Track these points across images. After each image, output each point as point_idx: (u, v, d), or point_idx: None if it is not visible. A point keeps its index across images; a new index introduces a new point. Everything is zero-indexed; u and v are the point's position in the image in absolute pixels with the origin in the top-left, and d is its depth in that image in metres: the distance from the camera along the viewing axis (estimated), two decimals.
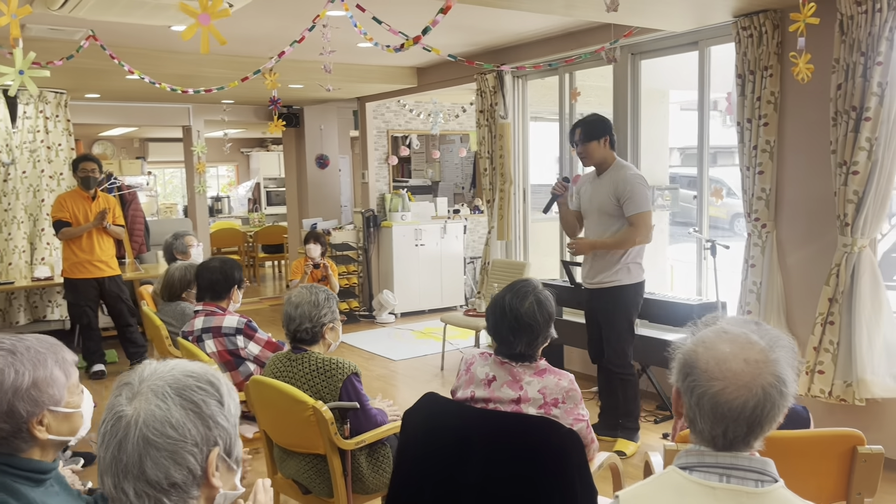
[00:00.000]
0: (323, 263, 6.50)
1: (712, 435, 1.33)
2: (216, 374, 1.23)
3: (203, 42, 2.22)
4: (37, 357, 1.50)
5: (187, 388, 1.17)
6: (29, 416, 1.49)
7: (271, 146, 13.87)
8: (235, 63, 6.21)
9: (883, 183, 3.69)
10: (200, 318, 3.42)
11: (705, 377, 1.33)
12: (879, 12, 3.55)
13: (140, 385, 1.17)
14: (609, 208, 3.93)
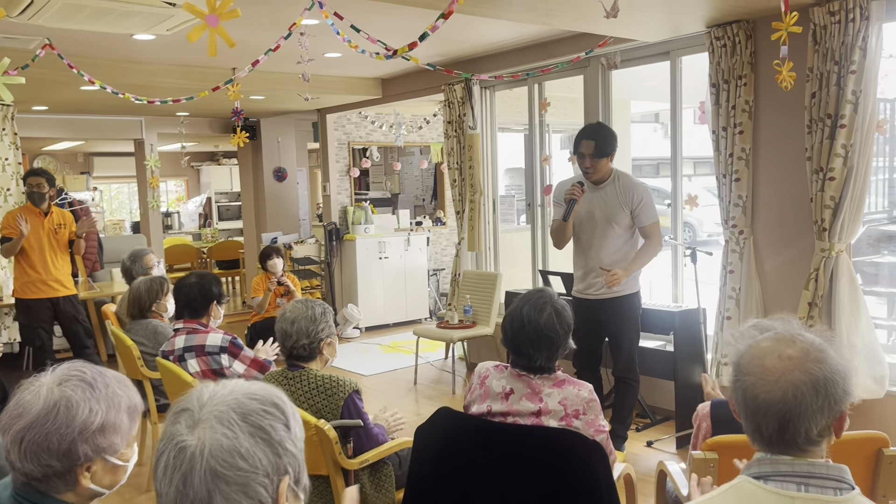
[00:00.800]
0: (285, 280, 6.35)
1: (749, 430, 1.37)
2: (280, 394, 1.14)
3: (211, 45, 2.11)
4: (113, 398, 1.37)
5: (253, 413, 1.07)
6: (84, 461, 1.35)
7: (223, 160, 13.58)
8: (194, 73, 6.04)
9: (858, 188, 3.78)
10: (181, 336, 3.27)
11: (741, 373, 1.36)
12: (852, 22, 3.64)
13: (201, 411, 1.06)
14: (620, 218, 3.83)
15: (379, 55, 3.28)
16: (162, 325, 3.98)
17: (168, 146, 11.16)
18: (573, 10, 3.70)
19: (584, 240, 3.95)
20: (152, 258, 4.88)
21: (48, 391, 1.32)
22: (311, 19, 4.31)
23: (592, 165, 3.82)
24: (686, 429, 4.27)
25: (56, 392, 1.32)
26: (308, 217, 11.02)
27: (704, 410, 2.20)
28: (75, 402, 1.32)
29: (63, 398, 1.32)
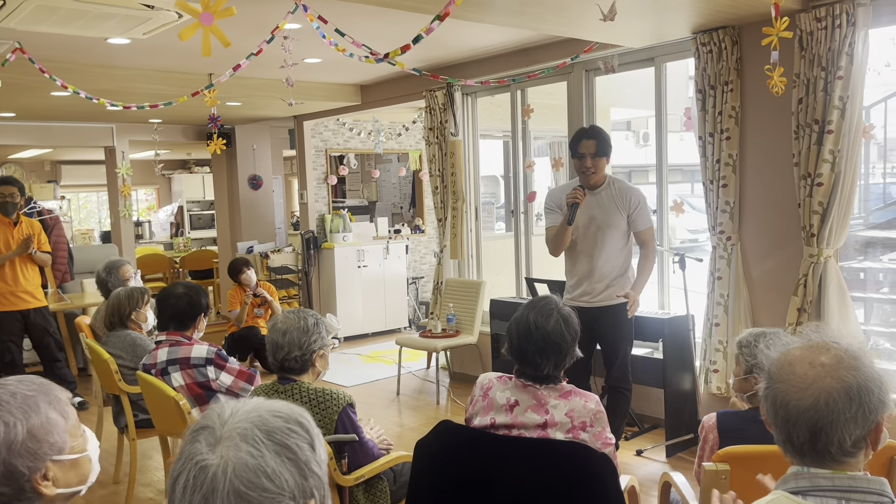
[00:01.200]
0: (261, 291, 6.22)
1: (780, 440, 1.32)
2: (304, 413, 1.05)
3: (204, 44, 2.02)
4: (25, 403, 1.28)
5: (278, 431, 0.99)
6: (31, 473, 1.27)
7: (195, 168, 13.36)
8: (170, 79, 5.90)
9: (846, 194, 3.78)
10: (164, 348, 3.15)
11: (772, 380, 1.32)
12: (839, 28, 3.65)
13: (223, 428, 0.98)
14: (618, 223, 3.80)
15: (369, 58, 3.21)
16: (140, 337, 3.85)
17: (139, 154, 10.96)
18: (561, 15, 3.67)
19: (580, 246, 3.89)
20: (129, 269, 4.73)
21: None
22: (293, 23, 4.23)
23: (594, 165, 3.77)
24: (676, 437, 4.24)
25: None
26: (283, 226, 10.87)
27: (711, 422, 2.15)
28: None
29: None
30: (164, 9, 3.85)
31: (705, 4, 3.70)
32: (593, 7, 3.50)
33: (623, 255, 3.86)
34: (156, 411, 3.16)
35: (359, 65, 5.91)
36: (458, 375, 6.19)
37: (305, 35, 4.58)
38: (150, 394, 3.14)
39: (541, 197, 5.51)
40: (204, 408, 3.09)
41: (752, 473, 1.96)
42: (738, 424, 2.08)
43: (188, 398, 3.01)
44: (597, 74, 5.10)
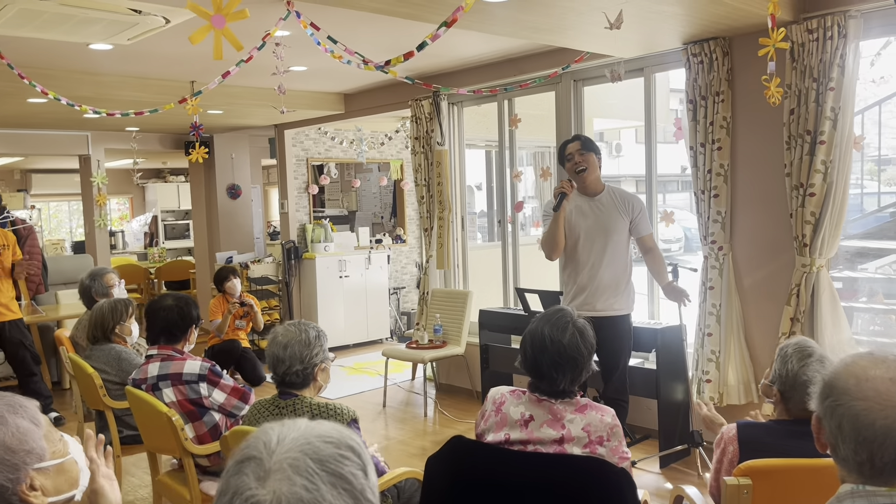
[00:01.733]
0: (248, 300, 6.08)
1: (857, 462, 1.24)
2: (353, 435, 0.99)
3: (216, 47, 1.95)
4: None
5: (331, 459, 0.93)
6: (15, 485, 1.22)
7: (170, 177, 13.16)
8: (151, 86, 5.79)
9: (838, 204, 3.81)
10: (155, 363, 3.05)
11: (846, 397, 1.24)
12: (830, 40, 3.68)
13: (271, 458, 0.91)
14: (620, 228, 3.83)
15: (368, 65, 3.15)
16: (126, 350, 3.73)
17: (113, 162, 10.75)
18: (559, 25, 3.65)
19: (582, 255, 3.86)
20: (113, 277, 4.60)
21: None
22: (281, 30, 4.16)
23: (583, 159, 3.84)
24: (669, 447, 4.22)
25: None
26: (262, 236, 10.73)
27: (731, 433, 2.12)
28: None
29: None
30: (151, 14, 3.77)
31: (699, 15, 3.71)
32: (590, 17, 3.49)
33: (623, 263, 3.87)
34: (146, 427, 3.06)
35: (343, 73, 5.85)
36: (445, 387, 6.13)
37: (291, 42, 4.52)
38: (140, 409, 3.03)
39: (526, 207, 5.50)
40: (197, 424, 3.00)
41: (776, 488, 1.94)
42: (760, 436, 2.06)
43: (181, 414, 2.92)
44: (601, 82, 5.07)
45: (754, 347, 4.22)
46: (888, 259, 6.83)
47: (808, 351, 2.12)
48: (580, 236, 3.84)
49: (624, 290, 3.85)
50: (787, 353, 2.14)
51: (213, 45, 1.94)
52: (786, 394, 2.12)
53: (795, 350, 2.13)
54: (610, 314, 3.78)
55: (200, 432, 2.99)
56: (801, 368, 2.08)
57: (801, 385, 2.07)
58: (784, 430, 2.07)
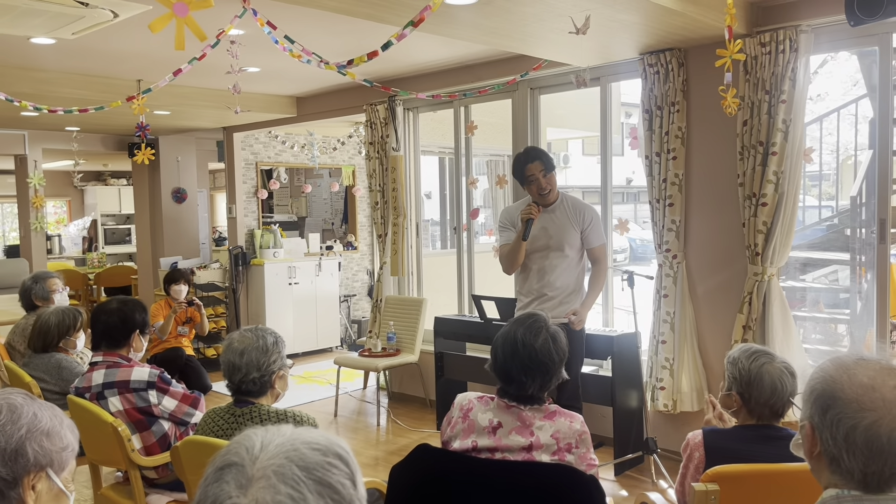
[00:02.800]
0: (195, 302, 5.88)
1: (865, 473, 1.19)
2: (341, 443, 0.93)
3: (178, 37, 1.85)
4: (54, 413, 1.30)
5: (318, 467, 0.86)
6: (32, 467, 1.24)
7: (111, 180, 12.75)
8: (95, 84, 5.58)
9: (788, 214, 3.89)
10: (100, 370, 2.90)
11: (853, 408, 1.20)
12: (782, 53, 3.77)
13: (254, 465, 0.84)
14: (573, 240, 3.82)
15: (329, 65, 3.08)
16: (67, 359, 3.56)
17: (51, 164, 10.36)
18: (519, 32, 3.64)
19: (533, 263, 3.87)
20: (56, 282, 4.39)
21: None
22: (237, 29, 4.06)
23: (548, 182, 3.81)
24: (624, 454, 4.23)
25: None
26: (208, 241, 10.46)
27: (697, 439, 2.11)
28: (18, 405, 1.26)
29: (4, 402, 1.26)
30: (98, 7, 3.62)
31: (657, 25, 3.75)
32: (552, 23, 3.49)
33: (576, 273, 3.86)
34: (88, 439, 2.90)
35: (296, 75, 5.75)
36: (398, 395, 6.05)
37: (245, 42, 4.41)
38: (82, 419, 2.87)
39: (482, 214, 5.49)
40: (145, 434, 2.86)
41: (743, 494, 1.94)
42: (726, 442, 2.06)
43: (128, 424, 2.78)
44: (558, 90, 5.09)
45: (707, 354, 4.27)
46: (825, 270, 7.06)
47: (753, 349, 2.18)
48: (534, 246, 3.86)
49: (576, 297, 3.86)
50: (735, 357, 2.17)
51: (175, 34, 1.85)
52: (744, 394, 2.13)
53: (741, 352, 2.17)
54: (561, 321, 3.77)
55: (148, 443, 2.86)
56: (752, 364, 2.11)
57: (756, 379, 2.09)
58: (750, 435, 2.08)
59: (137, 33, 4.39)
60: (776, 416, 2.07)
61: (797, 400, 1.37)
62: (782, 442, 2.02)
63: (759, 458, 1.96)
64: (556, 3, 3.11)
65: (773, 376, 2.05)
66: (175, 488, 2.86)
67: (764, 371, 2.05)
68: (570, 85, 4.96)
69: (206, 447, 2.33)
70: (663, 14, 3.52)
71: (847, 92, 12.58)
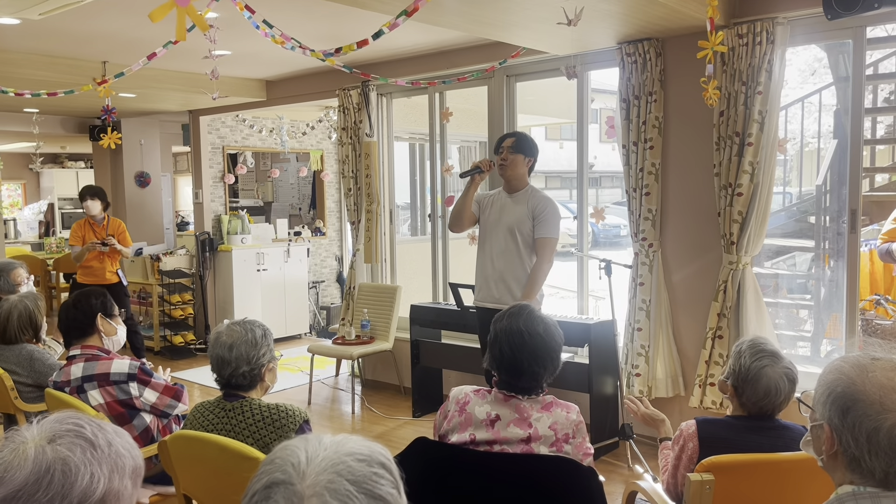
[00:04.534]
0: (109, 244, 6.03)
1: (887, 472, 1.21)
2: (383, 451, 0.92)
3: (179, 27, 1.79)
4: (117, 459, 1.08)
5: (367, 480, 0.85)
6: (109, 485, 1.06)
7: (67, 163, 12.40)
8: (59, 65, 5.41)
9: (763, 203, 3.96)
10: (79, 364, 2.83)
11: (875, 409, 1.21)
12: (759, 45, 3.82)
13: (303, 481, 0.83)
14: (523, 227, 3.86)
15: (315, 52, 3.02)
16: (38, 350, 3.46)
17: (6, 146, 10.04)
18: (502, 20, 3.62)
19: (487, 246, 3.98)
20: (21, 273, 4.24)
21: (37, 451, 1.01)
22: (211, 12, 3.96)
23: (508, 157, 3.92)
24: (600, 440, 4.29)
25: (48, 452, 1.01)
26: (171, 226, 10.27)
27: (690, 430, 2.14)
28: (74, 466, 1.02)
29: (58, 460, 1.01)
30: None
31: (637, 15, 3.77)
32: (536, 12, 3.48)
33: (525, 263, 3.87)
34: None
35: (266, 59, 5.65)
36: (371, 383, 6.03)
37: (216, 24, 4.30)
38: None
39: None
40: (127, 428, 2.80)
41: (737, 483, 1.98)
42: (720, 432, 2.09)
43: (109, 417, 2.72)
44: (533, 79, 5.10)
45: (682, 342, 4.34)
46: (785, 256, 7.23)
47: (761, 347, 2.17)
48: (490, 228, 3.98)
49: (520, 286, 3.85)
50: (742, 350, 2.19)
51: (176, 24, 1.79)
52: (738, 388, 2.16)
53: (749, 346, 2.18)
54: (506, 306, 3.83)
55: (131, 436, 2.80)
56: (753, 363, 2.13)
57: (753, 379, 2.11)
58: (742, 425, 2.12)
59: (104, 15, 4.26)
60: (765, 417, 2.11)
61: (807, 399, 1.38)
62: (775, 432, 2.07)
63: (752, 448, 2.00)
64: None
65: (771, 380, 2.07)
66: (160, 481, 2.82)
67: (763, 374, 2.07)
68: (547, 73, 4.97)
69: (195, 442, 2.29)
70: (644, 4, 3.54)
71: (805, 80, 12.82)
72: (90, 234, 6.22)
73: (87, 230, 6.20)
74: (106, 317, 3.03)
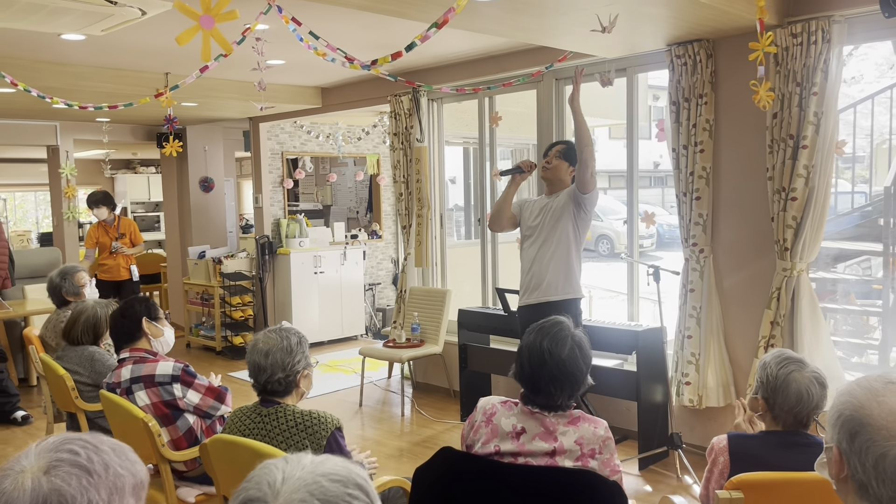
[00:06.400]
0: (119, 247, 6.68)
1: (893, 500, 1.18)
2: (359, 472, 0.94)
3: (204, 49, 1.87)
4: (116, 481, 1.08)
5: (339, 499, 0.88)
6: None
7: (140, 168, 12.91)
8: (124, 77, 5.64)
9: (819, 209, 3.82)
10: (128, 366, 2.96)
11: (882, 435, 1.17)
12: (814, 44, 3.69)
13: (276, 500, 0.86)
14: (565, 213, 3.98)
15: (354, 64, 3.08)
16: (99, 351, 3.63)
17: (82, 153, 10.51)
18: (543, 26, 3.61)
19: (533, 248, 4.07)
20: (83, 276, 4.47)
21: (34, 483, 1.01)
22: (261, 24, 4.06)
23: (551, 161, 4.10)
24: (648, 449, 4.22)
25: (44, 484, 1.01)
26: (235, 229, 10.57)
27: (721, 444, 2.10)
28: (70, 497, 1.02)
29: (54, 492, 1.01)
30: (126, 5, 3.65)
31: (684, 17, 3.69)
32: (575, 17, 3.45)
33: (567, 255, 3.99)
34: (121, 433, 2.96)
35: (320, 67, 5.76)
36: (422, 385, 6.08)
37: (269, 35, 4.42)
38: (115, 414, 2.94)
39: None
40: (171, 428, 2.92)
41: (768, 501, 1.92)
42: (751, 448, 2.04)
43: (156, 417, 2.84)
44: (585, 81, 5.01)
45: (734, 350, 4.23)
46: (857, 259, 6.93)
47: (785, 355, 2.14)
48: (532, 230, 4.09)
49: (566, 276, 3.99)
50: (766, 361, 2.15)
51: (202, 46, 1.86)
52: (769, 399, 2.11)
53: (773, 357, 2.15)
54: (551, 299, 3.95)
55: (175, 436, 2.91)
56: (780, 370, 2.09)
57: (783, 386, 2.06)
58: (774, 441, 2.06)
59: (165, 29, 4.42)
60: (801, 425, 2.05)
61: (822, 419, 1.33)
62: (809, 449, 2.00)
63: (784, 466, 1.95)
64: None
65: (801, 385, 2.02)
66: (204, 482, 2.92)
67: (791, 379, 2.03)
68: (596, 76, 4.91)
69: (233, 446, 2.36)
70: (691, 6, 3.46)
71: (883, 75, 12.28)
72: (103, 236, 6.87)
73: (100, 233, 6.89)
74: (151, 320, 3.15)
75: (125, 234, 6.84)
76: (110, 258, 6.77)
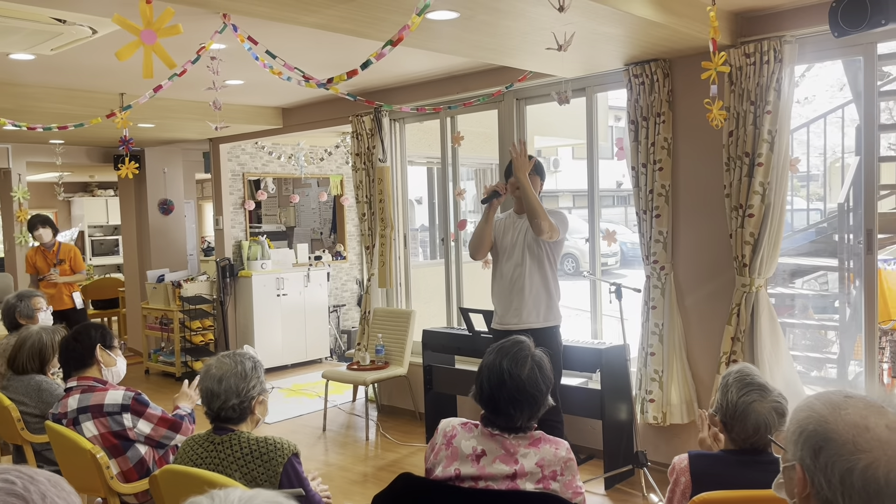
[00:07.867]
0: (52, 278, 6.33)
1: None
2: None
3: (146, 65, 1.81)
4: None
5: None
6: None
7: (97, 191, 12.66)
8: (77, 98, 5.52)
9: (775, 224, 3.87)
10: (75, 395, 2.85)
11: (848, 450, 1.15)
12: (767, 64, 3.75)
13: None
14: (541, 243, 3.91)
15: (310, 83, 3.04)
16: (47, 381, 3.49)
17: (36, 175, 10.28)
18: (502, 45, 3.61)
19: (506, 268, 4.00)
20: (41, 300, 4.36)
21: None
22: (218, 43, 4.01)
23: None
24: (614, 468, 4.20)
25: None
26: (196, 252, 10.39)
27: (683, 464, 2.07)
28: None
29: None
30: (76, 24, 3.58)
31: (640, 37, 3.73)
32: (534, 37, 3.47)
33: (545, 279, 3.93)
34: (68, 466, 2.85)
35: (280, 87, 5.71)
36: (387, 408, 6.00)
37: (227, 55, 4.37)
38: (61, 446, 2.83)
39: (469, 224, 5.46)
40: (121, 459, 2.81)
41: None
42: (712, 468, 2.02)
43: (104, 449, 2.73)
44: (544, 101, 5.07)
45: (696, 366, 4.24)
46: (814, 275, 7.05)
47: (748, 379, 2.10)
48: (506, 251, 4.00)
49: (546, 303, 3.93)
50: (728, 383, 2.12)
51: (143, 62, 1.80)
52: (728, 424, 2.10)
53: (736, 379, 2.12)
54: (534, 326, 3.84)
55: (125, 468, 2.81)
56: (741, 398, 2.06)
57: (741, 416, 2.05)
58: (734, 460, 2.04)
59: (118, 48, 4.34)
60: (756, 452, 2.03)
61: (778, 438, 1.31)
62: (770, 466, 1.99)
63: (743, 484, 1.93)
64: (537, 17, 3.08)
65: (760, 416, 2.00)
66: None
67: (751, 409, 2.01)
68: (553, 94, 4.93)
69: (184, 476, 2.28)
70: (646, 26, 3.50)
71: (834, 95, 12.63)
72: (41, 261, 6.53)
73: (37, 257, 6.54)
74: (105, 348, 3.05)
75: (64, 261, 6.48)
76: (51, 286, 6.37)
